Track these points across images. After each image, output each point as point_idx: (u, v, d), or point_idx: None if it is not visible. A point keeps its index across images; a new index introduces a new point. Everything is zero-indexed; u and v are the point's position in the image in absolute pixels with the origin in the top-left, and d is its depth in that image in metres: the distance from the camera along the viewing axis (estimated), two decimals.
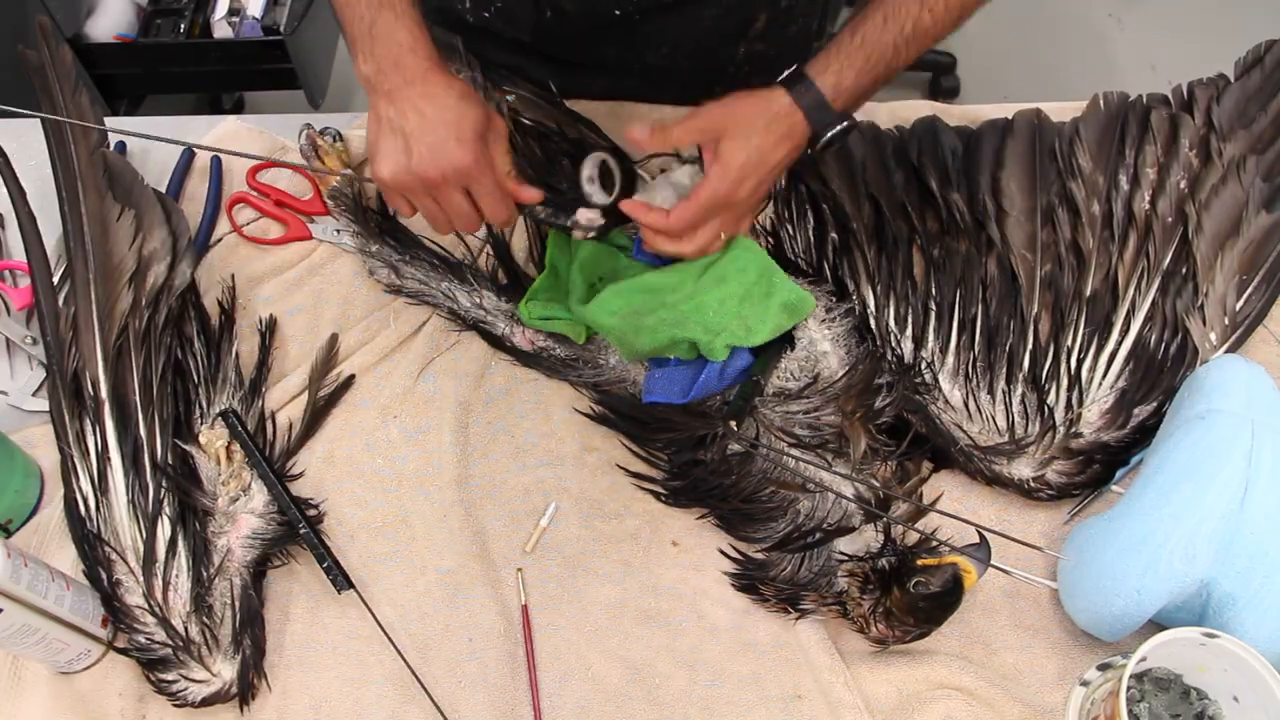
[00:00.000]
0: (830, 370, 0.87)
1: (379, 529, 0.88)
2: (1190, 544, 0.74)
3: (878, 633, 0.79)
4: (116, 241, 0.93)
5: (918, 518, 0.82)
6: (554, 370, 0.93)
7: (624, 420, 0.91)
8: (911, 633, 0.78)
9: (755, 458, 0.84)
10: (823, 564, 0.82)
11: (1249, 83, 1.03)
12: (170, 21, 1.85)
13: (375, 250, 0.98)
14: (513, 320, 0.95)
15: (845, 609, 0.80)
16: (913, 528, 0.80)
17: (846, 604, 0.80)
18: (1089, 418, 0.88)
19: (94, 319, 0.89)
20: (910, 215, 0.98)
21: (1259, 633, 0.73)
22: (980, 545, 0.78)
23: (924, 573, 0.77)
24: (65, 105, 0.96)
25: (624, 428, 0.91)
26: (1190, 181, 0.98)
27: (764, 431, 0.85)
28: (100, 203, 0.94)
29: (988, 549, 0.78)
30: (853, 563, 0.80)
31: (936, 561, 0.77)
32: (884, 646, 0.80)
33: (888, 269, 0.95)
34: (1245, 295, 0.93)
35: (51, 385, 0.87)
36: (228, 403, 0.91)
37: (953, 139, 1.03)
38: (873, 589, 0.78)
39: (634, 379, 0.91)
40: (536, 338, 0.95)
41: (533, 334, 0.95)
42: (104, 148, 0.99)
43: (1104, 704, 0.73)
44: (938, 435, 0.87)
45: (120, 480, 0.84)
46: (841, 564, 0.81)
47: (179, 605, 0.80)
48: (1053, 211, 0.97)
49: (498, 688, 0.80)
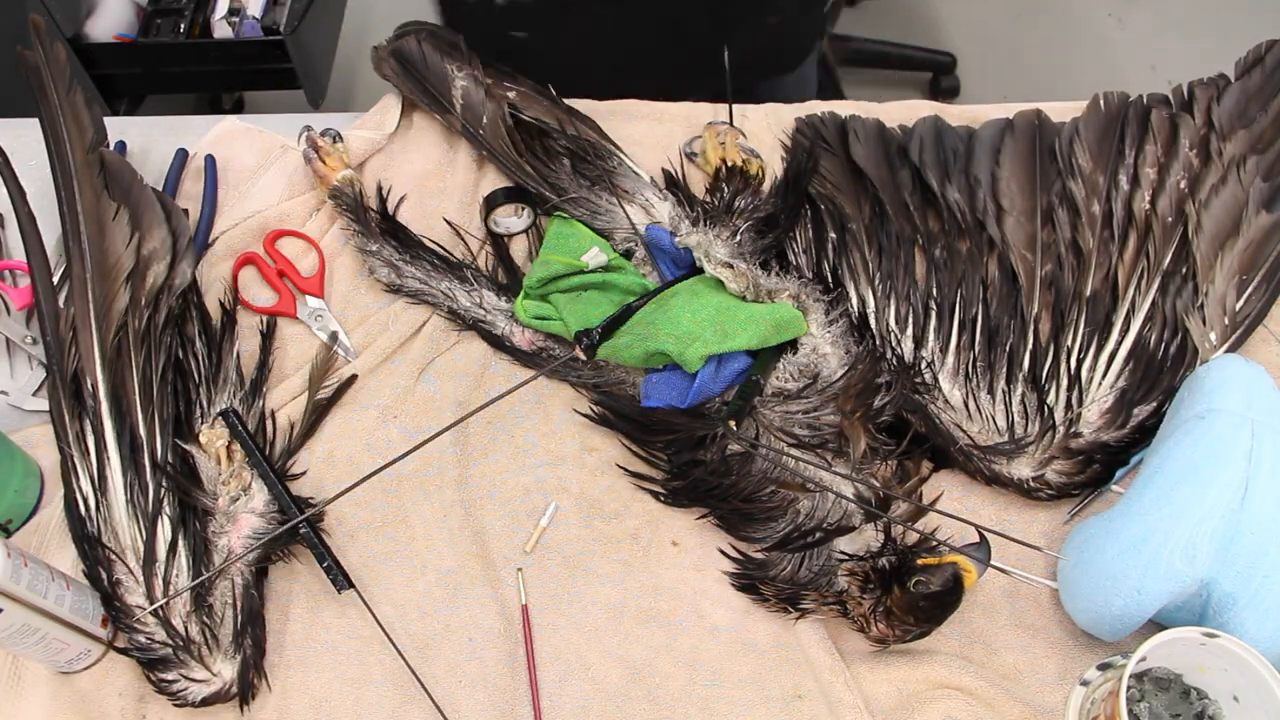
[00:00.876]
0: (830, 370, 0.87)
1: (379, 529, 0.88)
2: (1190, 544, 0.74)
3: (878, 632, 0.79)
4: (113, 240, 0.93)
5: (917, 517, 0.82)
6: (553, 371, 0.93)
7: (623, 421, 0.91)
8: (912, 632, 0.78)
9: (755, 458, 0.84)
10: (823, 564, 0.82)
11: (1249, 82, 1.03)
12: (170, 21, 1.85)
13: (375, 250, 0.98)
14: (512, 320, 0.95)
15: (845, 608, 0.80)
16: (912, 528, 0.80)
17: (847, 603, 0.80)
18: (1089, 417, 0.88)
19: (91, 318, 0.89)
20: (912, 215, 0.98)
21: (1259, 632, 0.73)
22: (980, 545, 0.78)
23: (924, 572, 0.77)
24: (60, 104, 0.96)
25: (623, 429, 0.91)
26: (1190, 181, 0.98)
27: (764, 431, 0.85)
28: (96, 201, 0.94)
29: (987, 548, 0.77)
30: (853, 562, 0.80)
31: (937, 561, 0.77)
32: (884, 646, 0.80)
33: (888, 269, 0.95)
34: (1245, 295, 0.93)
35: (51, 385, 0.87)
36: (228, 402, 0.91)
37: (955, 139, 1.03)
38: (873, 588, 0.78)
39: (633, 381, 0.91)
40: (536, 338, 0.95)
41: (532, 334, 0.95)
42: (103, 146, 0.98)
43: (1104, 704, 0.73)
44: (937, 435, 0.87)
45: (119, 480, 0.84)
46: (841, 563, 0.81)
47: (179, 605, 0.80)
48: (1053, 211, 0.97)
49: (498, 688, 0.80)
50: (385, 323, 0.97)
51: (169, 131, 1.11)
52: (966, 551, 0.77)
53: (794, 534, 0.82)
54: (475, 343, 0.97)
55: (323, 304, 0.99)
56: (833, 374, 0.86)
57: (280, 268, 1.00)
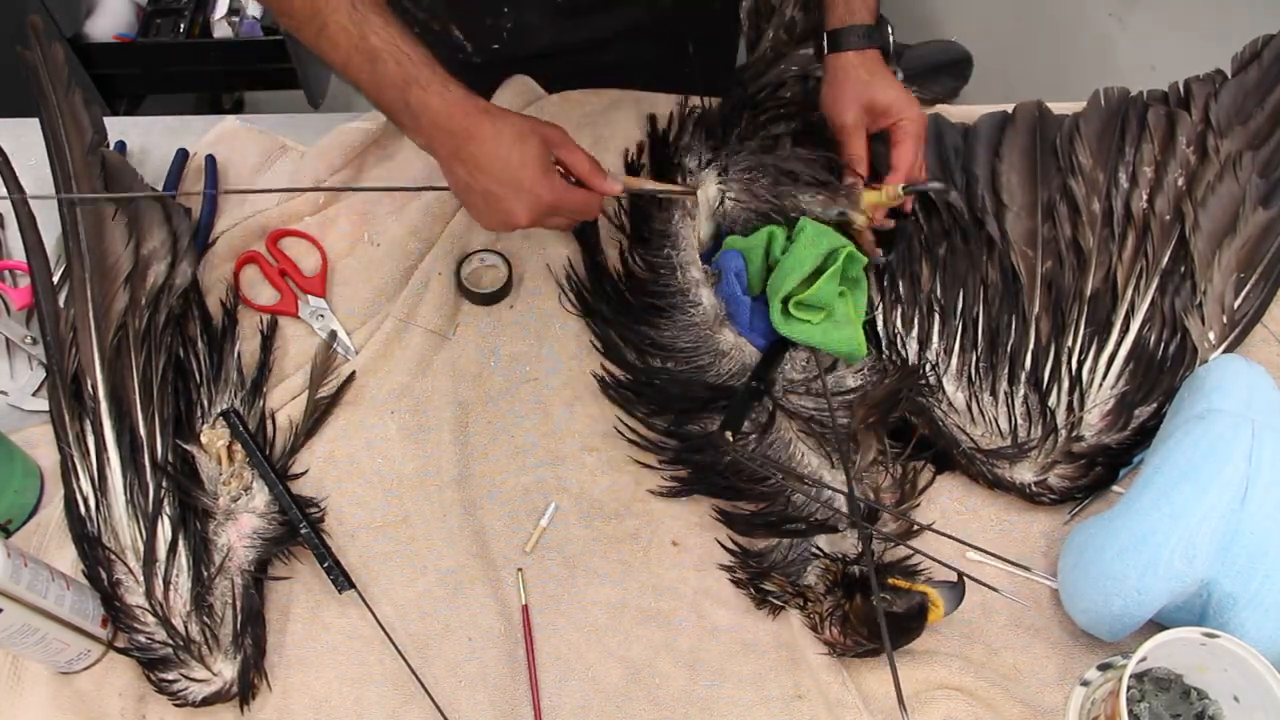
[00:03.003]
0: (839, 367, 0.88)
1: (379, 529, 0.88)
2: (1190, 544, 0.74)
3: (830, 636, 0.79)
4: (112, 240, 0.93)
5: (905, 538, 0.81)
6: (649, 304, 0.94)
7: (637, 387, 0.91)
8: (862, 646, 0.78)
9: (762, 442, 0.85)
10: (798, 555, 0.82)
11: (1246, 79, 1.03)
12: (170, 21, 1.85)
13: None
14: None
15: (805, 602, 0.80)
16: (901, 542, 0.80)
17: (808, 597, 0.80)
18: (1090, 420, 0.88)
19: (90, 319, 0.89)
20: (916, 213, 0.98)
21: (1260, 632, 0.73)
22: (955, 586, 0.77)
23: (893, 592, 0.77)
24: (59, 105, 0.96)
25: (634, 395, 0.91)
26: (1187, 179, 0.98)
27: (778, 411, 0.86)
28: (95, 202, 0.94)
29: (961, 591, 0.77)
30: (827, 560, 0.80)
31: (908, 586, 0.77)
32: (832, 653, 0.80)
33: (893, 269, 0.95)
34: (1243, 293, 0.93)
35: (51, 385, 0.87)
36: (229, 402, 0.91)
37: (955, 137, 1.03)
38: (837, 591, 0.79)
39: (715, 341, 0.92)
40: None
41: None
42: (104, 146, 0.98)
43: (1104, 704, 0.73)
44: (940, 437, 0.87)
45: (119, 480, 0.84)
46: (816, 558, 0.81)
47: (179, 605, 0.80)
48: (1053, 207, 0.97)
49: (498, 688, 0.80)
50: (386, 321, 0.97)
51: (169, 131, 1.11)
52: (941, 588, 0.77)
53: (778, 520, 0.83)
54: (475, 342, 0.97)
55: (324, 303, 0.99)
56: (841, 376, 0.88)
57: (282, 267, 1.00)
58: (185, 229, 0.98)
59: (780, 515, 0.83)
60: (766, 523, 0.83)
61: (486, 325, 0.98)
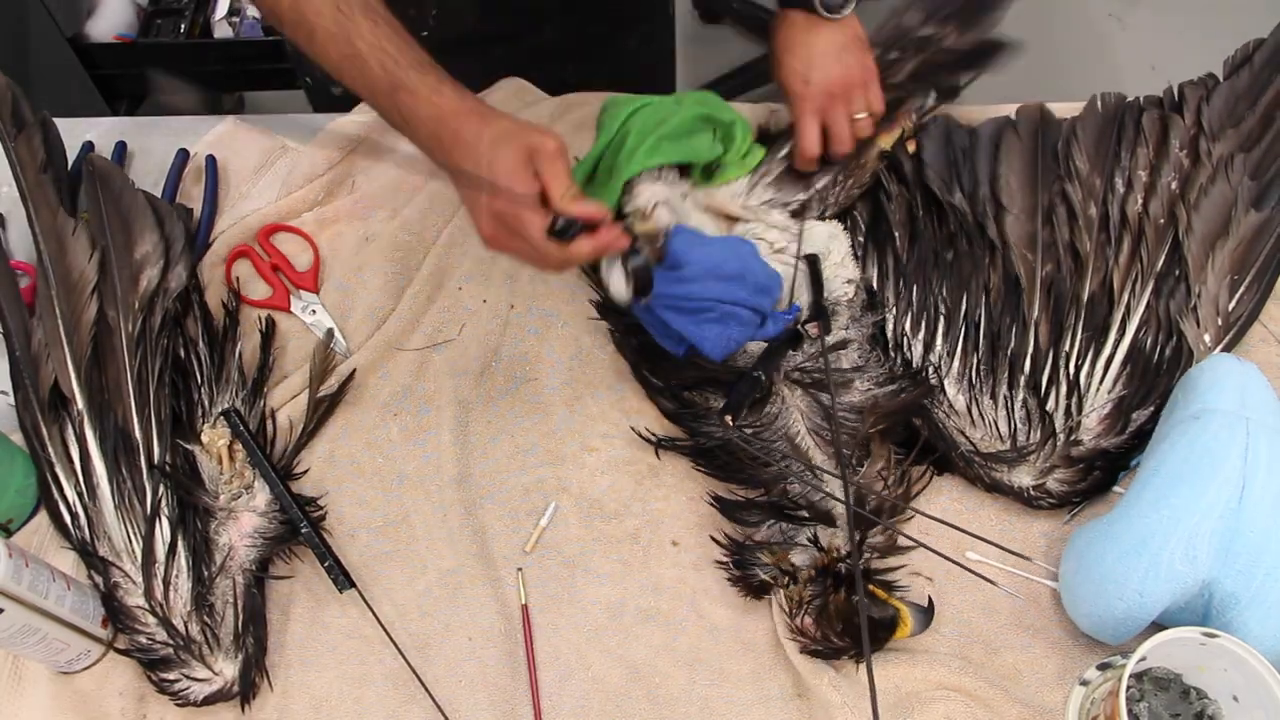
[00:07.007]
0: (850, 361, 0.89)
1: (380, 528, 0.88)
2: (1190, 545, 0.74)
3: (801, 624, 0.79)
4: (75, 256, 0.93)
5: (891, 551, 0.83)
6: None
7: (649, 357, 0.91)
8: (831, 643, 0.78)
9: (770, 425, 0.85)
10: (788, 538, 0.83)
11: (1238, 82, 1.03)
12: (170, 21, 1.86)
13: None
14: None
15: (790, 581, 0.80)
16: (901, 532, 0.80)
17: (795, 576, 0.80)
18: (1088, 424, 0.88)
19: (60, 333, 0.89)
20: (919, 217, 0.98)
21: (1263, 632, 0.73)
22: (925, 610, 0.79)
23: (870, 599, 0.78)
24: (5, 129, 0.96)
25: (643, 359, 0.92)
26: (1181, 182, 0.98)
27: (787, 400, 0.86)
28: (54, 219, 0.94)
29: (930, 616, 0.79)
30: (818, 551, 0.81)
31: (885, 597, 0.78)
32: (796, 640, 0.80)
33: (896, 270, 0.95)
34: (1237, 295, 0.93)
35: (24, 401, 0.87)
36: (230, 402, 0.91)
37: (963, 139, 1.03)
38: (824, 581, 0.79)
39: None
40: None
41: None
42: (67, 164, 0.99)
43: (1104, 704, 0.73)
44: (940, 439, 0.87)
45: (106, 487, 0.84)
46: (808, 546, 0.81)
47: (180, 605, 0.80)
48: (1053, 210, 0.97)
49: (498, 688, 0.80)
50: (383, 319, 0.97)
51: (169, 132, 1.11)
52: (913, 609, 0.78)
53: (778, 503, 0.83)
54: (475, 342, 0.97)
55: (317, 299, 0.98)
56: (850, 365, 0.88)
57: (274, 261, 1.00)
58: (179, 233, 0.98)
59: (775, 504, 0.83)
60: (761, 507, 0.84)
61: (487, 325, 0.98)
